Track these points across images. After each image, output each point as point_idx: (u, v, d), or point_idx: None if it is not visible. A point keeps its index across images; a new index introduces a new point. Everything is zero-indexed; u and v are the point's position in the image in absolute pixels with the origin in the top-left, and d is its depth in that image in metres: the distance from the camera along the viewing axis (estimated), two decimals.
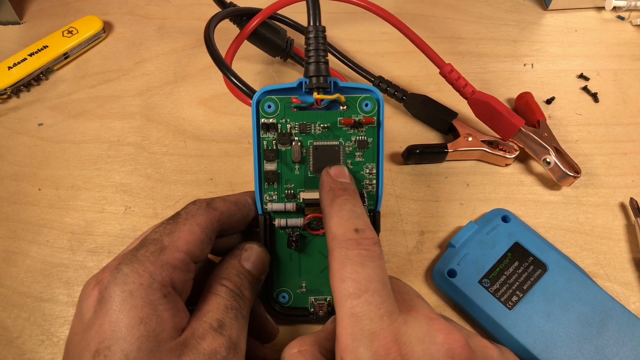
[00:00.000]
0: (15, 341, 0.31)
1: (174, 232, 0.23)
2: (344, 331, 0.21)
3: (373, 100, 0.27)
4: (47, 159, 0.38)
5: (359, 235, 0.22)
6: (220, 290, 0.24)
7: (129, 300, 0.20)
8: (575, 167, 0.36)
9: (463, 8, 0.49)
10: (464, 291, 0.31)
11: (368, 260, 0.21)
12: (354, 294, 0.21)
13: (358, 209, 0.24)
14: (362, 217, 0.23)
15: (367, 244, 0.22)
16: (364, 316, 0.20)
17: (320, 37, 0.27)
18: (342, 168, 0.26)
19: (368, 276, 0.21)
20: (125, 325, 0.20)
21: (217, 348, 0.21)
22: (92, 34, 0.45)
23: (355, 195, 0.25)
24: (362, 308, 0.20)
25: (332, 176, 0.26)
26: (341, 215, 0.23)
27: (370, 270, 0.21)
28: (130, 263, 0.21)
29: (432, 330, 0.21)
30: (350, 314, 0.20)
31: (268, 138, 0.27)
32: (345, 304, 0.21)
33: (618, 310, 0.30)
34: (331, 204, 0.24)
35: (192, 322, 0.22)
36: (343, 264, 0.21)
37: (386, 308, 0.21)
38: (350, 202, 0.24)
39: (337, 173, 0.26)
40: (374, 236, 0.22)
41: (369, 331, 0.20)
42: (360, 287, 0.21)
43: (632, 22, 0.48)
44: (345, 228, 0.22)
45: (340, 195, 0.24)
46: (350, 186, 0.25)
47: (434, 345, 0.21)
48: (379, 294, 0.21)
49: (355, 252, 0.21)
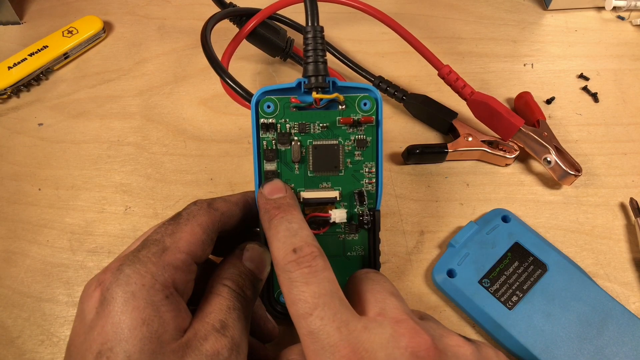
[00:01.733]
0: (15, 341, 0.31)
1: (176, 233, 0.23)
2: (307, 349, 0.21)
3: (371, 100, 0.27)
4: (47, 159, 0.38)
5: (298, 255, 0.22)
6: (223, 290, 0.24)
7: (131, 302, 0.20)
8: (576, 165, 0.36)
9: (463, 8, 0.49)
10: (464, 291, 0.31)
11: (311, 277, 0.22)
12: (305, 313, 0.21)
13: (294, 225, 0.24)
14: (299, 233, 0.23)
15: (306, 261, 0.22)
16: (320, 331, 0.20)
17: (319, 37, 0.27)
18: (274, 183, 0.26)
19: (314, 293, 0.21)
20: (127, 326, 0.20)
21: (220, 349, 0.21)
22: (92, 34, 0.45)
23: (290, 209, 0.25)
24: (317, 324, 0.21)
25: (265, 196, 0.26)
26: (278, 238, 0.23)
27: (315, 287, 0.21)
28: (132, 264, 0.21)
29: (396, 334, 0.21)
30: (308, 333, 0.21)
31: (267, 138, 0.27)
32: (301, 324, 0.21)
33: (618, 310, 0.30)
34: (269, 227, 0.24)
35: (194, 323, 0.22)
36: (289, 287, 0.22)
37: (340, 319, 0.21)
38: (285, 220, 0.24)
39: (270, 190, 0.26)
40: (312, 250, 0.22)
41: (328, 344, 0.20)
42: (309, 305, 0.21)
43: (632, 22, 0.48)
44: (284, 251, 0.22)
45: (274, 215, 0.24)
46: (283, 200, 0.25)
47: (398, 349, 0.20)
48: (328, 306, 0.21)
49: (297, 273, 0.22)
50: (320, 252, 0.23)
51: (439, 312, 0.32)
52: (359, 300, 0.24)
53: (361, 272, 0.26)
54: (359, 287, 0.24)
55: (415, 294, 0.33)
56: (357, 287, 0.25)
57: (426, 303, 0.33)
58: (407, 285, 0.33)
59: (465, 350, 0.22)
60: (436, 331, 0.23)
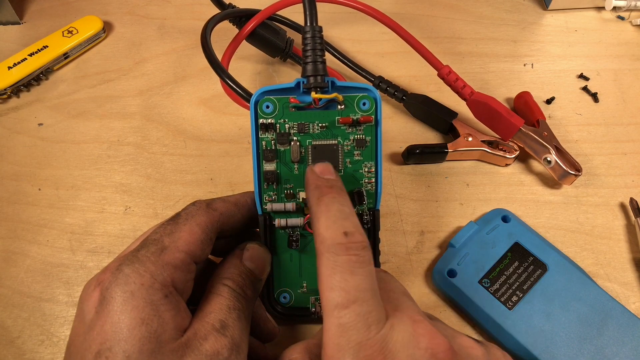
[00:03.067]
0: (15, 341, 0.31)
1: (175, 233, 0.23)
2: (330, 341, 0.20)
3: (370, 99, 0.27)
4: (47, 159, 0.38)
5: (348, 239, 0.21)
6: (223, 290, 0.24)
7: (131, 301, 0.20)
8: (576, 165, 0.36)
9: (463, 8, 0.49)
10: (464, 291, 0.31)
11: (357, 267, 0.21)
12: (342, 304, 0.20)
13: (346, 209, 0.23)
14: (350, 217, 0.22)
15: (356, 248, 0.21)
16: (351, 327, 0.20)
17: (317, 37, 0.27)
18: (327, 165, 0.25)
19: (357, 285, 0.20)
20: (126, 326, 0.20)
21: (220, 349, 0.21)
22: (92, 34, 0.45)
23: (342, 193, 0.24)
24: (350, 319, 0.20)
25: (317, 173, 0.25)
26: (329, 216, 0.22)
27: (360, 279, 0.21)
28: (131, 264, 0.21)
29: (416, 334, 0.21)
30: (338, 324, 0.20)
31: (267, 138, 0.27)
32: (333, 313, 0.20)
33: (618, 310, 0.30)
34: (318, 202, 0.23)
35: (194, 323, 0.22)
36: (332, 271, 0.21)
37: (374, 317, 0.20)
38: (337, 201, 0.23)
39: (322, 170, 0.25)
40: (363, 239, 0.22)
41: (355, 341, 0.20)
42: (349, 297, 0.20)
43: (632, 22, 0.48)
44: (334, 230, 0.21)
45: (326, 193, 0.23)
46: (336, 183, 0.24)
47: (418, 350, 0.20)
48: (367, 303, 0.20)
49: (344, 258, 0.21)
50: (369, 244, 0.22)
51: (439, 312, 0.32)
52: None
53: None
54: None
55: (415, 294, 0.33)
56: None
57: (426, 303, 0.33)
58: (407, 285, 0.33)
59: (477, 351, 0.23)
60: (448, 332, 0.23)
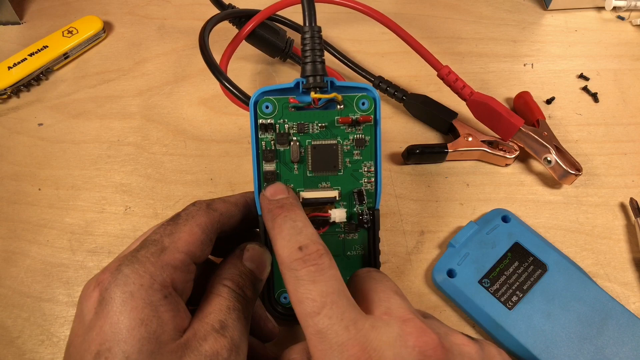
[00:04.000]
0: (15, 341, 0.31)
1: (175, 233, 0.23)
2: (314, 349, 0.21)
3: (369, 99, 0.27)
4: (47, 159, 0.38)
5: (303, 253, 0.22)
6: (222, 290, 0.24)
7: (130, 302, 0.20)
8: (577, 164, 0.36)
9: (463, 8, 0.49)
10: (464, 291, 0.31)
11: (318, 276, 0.21)
12: (313, 312, 0.21)
13: (299, 223, 0.23)
14: (304, 230, 0.23)
15: (313, 259, 0.22)
16: (328, 330, 0.20)
17: (316, 37, 0.27)
18: (277, 186, 0.26)
19: (321, 291, 0.21)
20: (125, 326, 0.20)
21: (219, 350, 0.21)
22: (92, 34, 0.45)
23: (293, 208, 0.24)
24: (325, 323, 0.20)
25: (267, 197, 0.26)
26: (283, 236, 0.23)
27: (322, 285, 0.21)
28: (130, 264, 0.21)
29: (403, 333, 0.21)
30: (316, 332, 0.21)
31: (266, 138, 0.27)
32: (308, 323, 0.21)
33: (618, 310, 0.30)
34: (272, 226, 0.24)
35: (193, 323, 0.22)
36: (296, 286, 0.22)
37: (349, 317, 0.21)
38: (289, 219, 0.24)
39: (273, 192, 0.26)
40: (318, 248, 0.22)
41: (336, 344, 0.20)
42: (317, 304, 0.21)
43: (632, 22, 0.48)
44: (289, 249, 0.22)
45: (278, 214, 0.24)
46: (287, 200, 0.25)
47: (405, 348, 0.20)
48: (336, 305, 0.21)
49: (303, 272, 0.22)
50: (326, 250, 0.23)
51: (439, 312, 0.32)
52: (363, 299, 0.23)
53: (363, 271, 0.26)
54: (362, 286, 0.24)
55: (415, 294, 0.33)
56: (360, 286, 0.24)
57: (426, 303, 0.33)
58: (407, 285, 0.33)
59: (470, 348, 0.23)
60: (441, 329, 0.23)
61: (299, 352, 0.23)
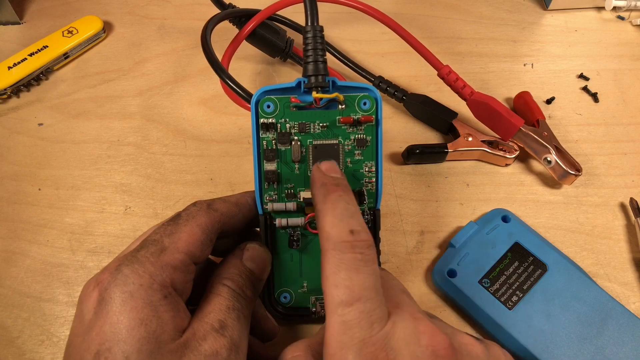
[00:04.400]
0: (15, 341, 0.31)
1: (175, 233, 0.23)
2: (332, 338, 0.20)
3: (371, 99, 0.27)
4: (47, 159, 0.38)
5: (354, 238, 0.21)
6: (222, 290, 0.24)
7: (129, 302, 0.20)
8: (576, 165, 0.36)
9: (463, 8, 0.49)
10: (464, 291, 0.31)
11: (363, 266, 0.21)
12: (346, 301, 0.20)
13: (352, 207, 0.23)
14: (356, 216, 0.22)
15: (362, 247, 0.21)
16: (354, 325, 0.20)
17: (318, 36, 0.27)
18: (332, 163, 0.25)
19: (362, 283, 0.20)
20: (125, 326, 0.20)
21: (219, 349, 0.21)
22: (92, 34, 0.45)
23: (348, 191, 0.24)
24: (354, 316, 0.20)
25: (323, 171, 0.25)
26: (335, 214, 0.22)
27: (364, 277, 0.21)
28: (130, 264, 0.21)
29: (417, 331, 0.21)
30: (341, 322, 0.20)
31: (267, 138, 0.27)
32: (337, 311, 0.20)
33: (618, 310, 0.30)
34: (324, 200, 0.23)
35: (193, 323, 0.22)
36: (337, 269, 0.21)
37: (377, 315, 0.20)
38: (344, 199, 0.23)
39: (328, 168, 0.25)
40: (368, 238, 0.22)
41: (358, 339, 0.20)
42: (353, 295, 0.20)
43: (632, 22, 0.48)
44: (340, 228, 0.21)
45: (333, 191, 0.23)
46: (342, 181, 0.24)
47: (419, 347, 0.20)
48: (371, 301, 0.20)
49: (349, 256, 0.21)
50: (374, 244, 0.22)
51: (439, 312, 0.32)
52: None
53: None
54: None
55: (415, 294, 0.33)
56: None
57: (426, 303, 0.33)
58: (407, 285, 0.33)
59: (477, 349, 0.23)
60: (448, 330, 0.23)
61: (303, 350, 0.23)
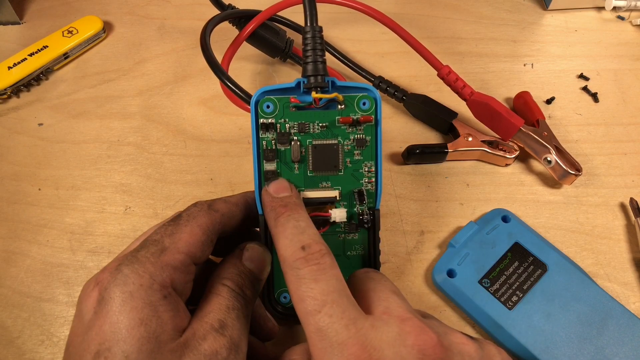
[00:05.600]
0: (15, 341, 0.31)
1: (175, 234, 0.23)
2: (314, 347, 0.21)
3: (370, 99, 0.27)
4: (47, 159, 0.38)
5: (306, 252, 0.22)
6: (222, 290, 0.24)
7: (129, 302, 0.20)
8: (577, 165, 0.36)
9: (463, 8, 0.49)
10: (464, 291, 0.31)
11: (320, 274, 0.22)
12: (314, 310, 0.21)
13: (302, 223, 0.24)
14: (306, 231, 0.23)
15: (315, 258, 0.22)
16: (328, 329, 0.20)
17: (317, 37, 0.27)
18: (280, 182, 0.26)
19: (323, 290, 0.21)
20: (125, 326, 0.20)
21: (218, 349, 0.21)
22: (92, 34, 0.45)
23: (297, 208, 0.25)
24: (325, 322, 0.21)
25: (271, 194, 0.26)
26: (286, 235, 0.23)
27: (324, 284, 0.21)
28: (130, 264, 0.21)
29: (403, 332, 0.21)
30: (316, 330, 0.21)
31: (267, 138, 0.27)
32: (309, 321, 0.21)
33: (618, 310, 0.30)
34: (275, 224, 0.24)
35: (193, 323, 0.22)
36: (298, 284, 0.22)
37: (349, 316, 0.21)
38: (293, 218, 0.24)
39: (276, 189, 0.26)
40: (321, 248, 0.22)
41: (336, 342, 0.20)
42: (318, 302, 0.21)
43: (632, 22, 0.48)
44: (292, 248, 0.22)
45: (281, 213, 0.24)
46: (290, 199, 0.25)
47: (405, 347, 0.20)
48: (337, 304, 0.21)
49: (305, 270, 0.22)
50: (328, 250, 0.23)
51: (439, 312, 0.32)
52: (362, 299, 0.23)
53: (361, 272, 0.26)
54: (360, 286, 0.24)
55: (415, 294, 0.33)
56: (359, 286, 0.25)
57: (426, 303, 0.33)
58: (407, 285, 0.33)
59: (470, 347, 0.23)
60: (440, 329, 0.23)
61: (300, 354, 0.23)
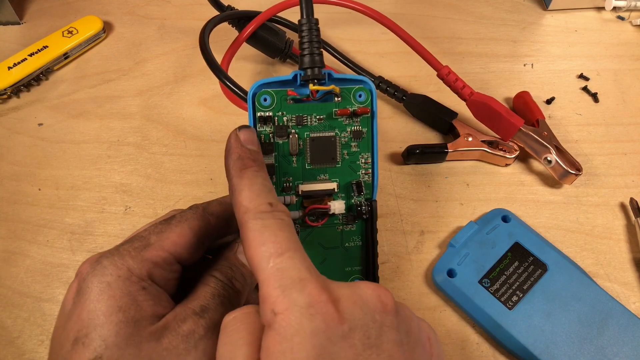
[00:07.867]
0: (15, 341, 0.31)
1: (164, 232, 0.23)
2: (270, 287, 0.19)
3: (366, 91, 0.27)
4: (47, 159, 0.38)
5: (273, 208, 0.21)
6: (210, 280, 0.24)
7: (107, 291, 0.20)
8: (577, 164, 0.36)
9: (463, 8, 0.49)
10: (464, 291, 0.31)
11: (285, 227, 0.21)
12: (275, 253, 0.20)
13: (268, 184, 0.23)
14: (273, 192, 0.23)
15: (280, 216, 0.21)
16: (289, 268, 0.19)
17: (314, 29, 0.27)
18: (252, 132, 0.25)
19: (287, 238, 0.20)
20: (103, 313, 0.20)
21: (196, 328, 0.21)
22: (92, 34, 0.45)
23: (264, 168, 0.24)
24: (287, 263, 0.20)
25: (241, 141, 0.24)
26: (253, 190, 0.22)
27: (288, 234, 0.21)
28: (110, 256, 0.22)
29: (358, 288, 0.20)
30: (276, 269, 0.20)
31: (265, 131, 0.27)
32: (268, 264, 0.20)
33: (618, 310, 0.30)
34: (240, 175, 0.23)
35: (176, 309, 0.22)
36: (261, 231, 0.21)
37: (309, 265, 0.20)
38: (260, 176, 0.23)
39: (246, 139, 0.24)
40: (286, 211, 0.22)
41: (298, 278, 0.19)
42: (282, 247, 0.20)
43: (632, 22, 0.48)
44: (259, 202, 0.22)
45: (250, 166, 0.23)
46: (259, 157, 0.24)
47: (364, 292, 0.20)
48: (300, 253, 0.20)
49: (271, 221, 0.21)
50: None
51: (439, 312, 0.32)
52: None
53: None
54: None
55: (415, 294, 0.33)
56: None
57: (426, 303, 0.33)
58: (407, 285, 0.33)
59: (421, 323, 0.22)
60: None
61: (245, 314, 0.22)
